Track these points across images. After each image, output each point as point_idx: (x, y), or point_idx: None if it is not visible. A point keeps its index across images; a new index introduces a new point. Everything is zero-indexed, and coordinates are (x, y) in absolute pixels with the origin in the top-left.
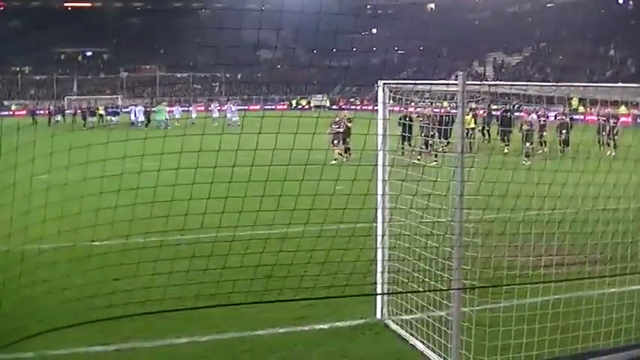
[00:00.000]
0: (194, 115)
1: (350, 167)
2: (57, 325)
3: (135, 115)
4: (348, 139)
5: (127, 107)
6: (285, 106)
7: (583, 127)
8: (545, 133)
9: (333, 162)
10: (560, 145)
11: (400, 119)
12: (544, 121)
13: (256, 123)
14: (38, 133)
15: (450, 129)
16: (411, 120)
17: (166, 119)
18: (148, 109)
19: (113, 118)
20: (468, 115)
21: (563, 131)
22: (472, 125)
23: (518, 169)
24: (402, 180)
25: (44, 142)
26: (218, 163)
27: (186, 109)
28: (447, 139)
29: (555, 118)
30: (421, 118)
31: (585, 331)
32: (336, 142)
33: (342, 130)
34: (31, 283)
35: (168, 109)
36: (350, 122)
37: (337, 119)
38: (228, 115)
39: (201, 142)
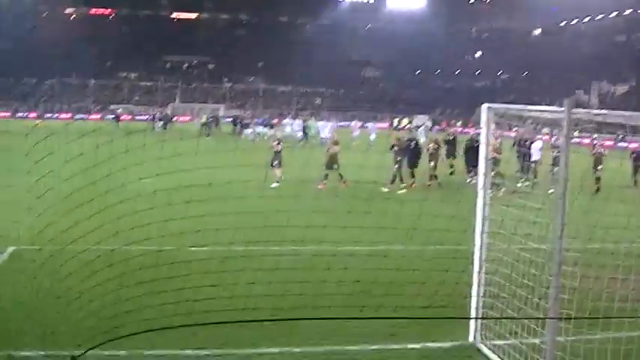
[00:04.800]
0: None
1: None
2: (154, 326)
3: (292, 129)
4: (336, 165)
5: (283, 121)
6: (387, 125)
7: None
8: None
9: (275, 184)
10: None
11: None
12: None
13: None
14: (153, 138)
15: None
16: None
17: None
18: (306, 123)
19: (268, 131)
20: (496, 140)
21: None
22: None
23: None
24: (506, 205)
25: (154, 147)
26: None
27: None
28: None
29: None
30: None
31: None
32: (275, 162)
33: (280, 149)
34: (132, 284)
35: (330, 124)
36: (337, 145)
37: (277, 136)
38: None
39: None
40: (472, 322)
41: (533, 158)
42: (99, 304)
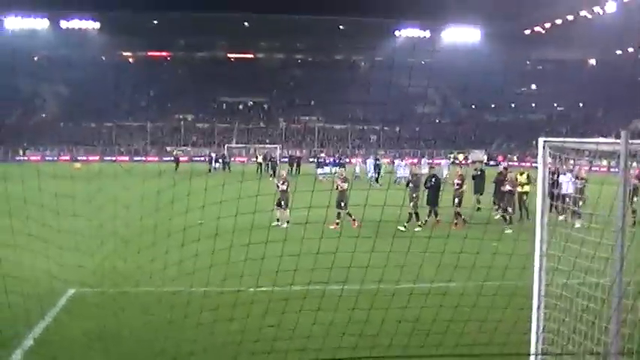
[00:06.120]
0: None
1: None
2: None
3: (362, 168)
4: (343, 203)
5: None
6: (442, 162)
7: None
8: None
9: (276, 224)
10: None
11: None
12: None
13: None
14: (212, 180)
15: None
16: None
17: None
18: (378, 162)
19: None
20: (522, 174)
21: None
22: (526, 189)
23: None
24: (565, 241)
25: (214, 189)
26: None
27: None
28: None
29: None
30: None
31: None
32: (282, 203)
33: (285, 188)
34: (194, 325)
35: (405, 162)
36: (345, 182)
37: (283, 175)
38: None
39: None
40: (532, 358)
41: (563, 191)
42: (160, 346)
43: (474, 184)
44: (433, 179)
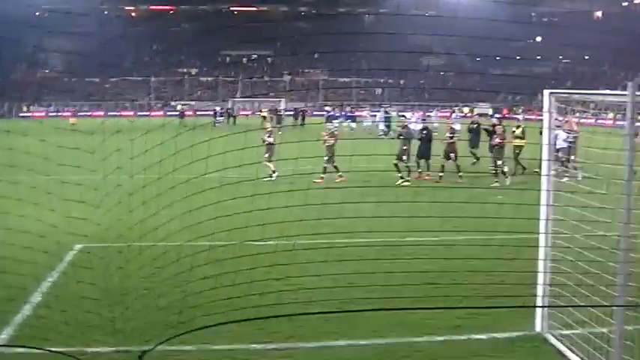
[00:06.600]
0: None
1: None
2: (220, 320)
3: (372, 122)
4: (327, 157)
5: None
6: (448, 114)
7: None
8: None
9: (267, 178)
10: None
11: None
12: None
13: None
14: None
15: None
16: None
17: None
18: (387, 114)
19: (352, 124)
20: (518, 128)
21: None
22: (521, 143)
23: None
24: (571, 192)
25: (217, 141)
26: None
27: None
28: None
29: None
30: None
31: None
32: (267, 154)
33: (272, 140)
34: (199, 278)
35: (417, 114)
36: (333, 137)
37: (268, 127)
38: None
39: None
40: (538, 312)
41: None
42: (166, 300)
43: (469, 138)
44: (425, 131)
